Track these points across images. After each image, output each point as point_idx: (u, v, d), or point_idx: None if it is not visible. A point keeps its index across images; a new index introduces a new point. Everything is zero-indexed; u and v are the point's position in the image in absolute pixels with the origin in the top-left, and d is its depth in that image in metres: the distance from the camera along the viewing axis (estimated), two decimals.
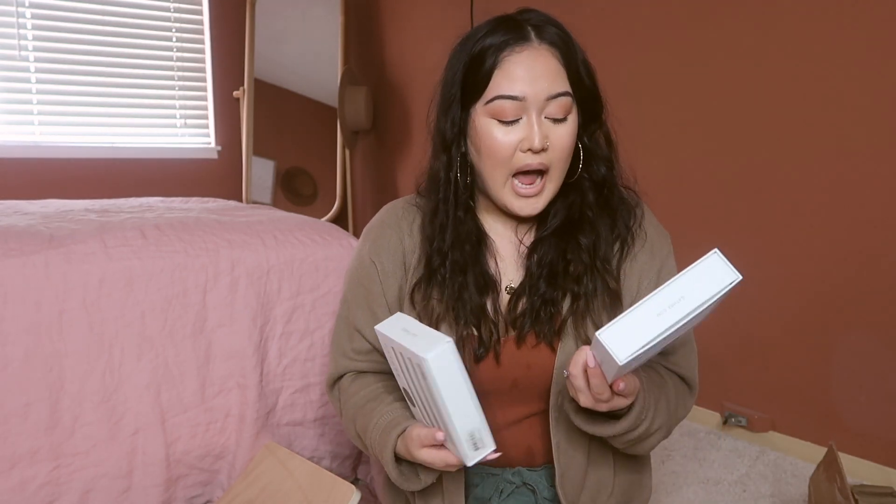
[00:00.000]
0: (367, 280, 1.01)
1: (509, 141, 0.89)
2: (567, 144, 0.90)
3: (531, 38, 0.88)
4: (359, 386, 1.01)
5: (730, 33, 1.99)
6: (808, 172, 1.85)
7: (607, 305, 0.93)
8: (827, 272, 1.83)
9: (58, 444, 1.26)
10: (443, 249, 0.95)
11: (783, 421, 1.95)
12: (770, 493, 1.70)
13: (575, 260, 0.93)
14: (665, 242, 1.00)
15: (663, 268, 0.97)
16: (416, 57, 3.23)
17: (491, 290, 0.96)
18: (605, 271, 0.93)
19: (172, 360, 1.37)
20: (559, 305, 0.93)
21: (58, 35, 3.03)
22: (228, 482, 1.41)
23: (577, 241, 0.94)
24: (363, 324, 1.01)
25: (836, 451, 1.47)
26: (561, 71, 0.88)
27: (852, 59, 1.75)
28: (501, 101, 0.87)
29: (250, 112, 3.19)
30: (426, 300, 0.95)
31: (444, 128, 0.93)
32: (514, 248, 0.99)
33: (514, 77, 0.87)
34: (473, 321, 0.94)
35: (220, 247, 1.46)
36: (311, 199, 3.43)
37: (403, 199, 1.06)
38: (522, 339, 0.94)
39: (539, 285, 0.94)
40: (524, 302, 0.95)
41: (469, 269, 0.95)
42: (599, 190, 0.96)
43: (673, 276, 0.76)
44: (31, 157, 2.99)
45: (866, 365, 1.77)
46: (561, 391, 0.92)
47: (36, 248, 1.31)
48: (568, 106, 0.89)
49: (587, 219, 0.94)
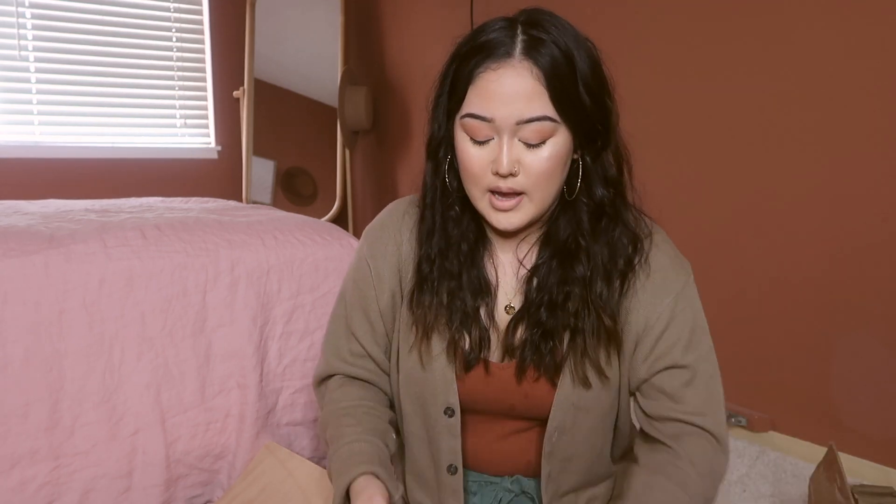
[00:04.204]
0: (362, 282, 0.99)
1: (480, 160, 0.84)
2: (544, 170, 0.82)
3: (513, 54, 0.80)
4: (342, 395, 0.98)
5: (731, 34, 1.99)
6: (807, 172, 1.85)
7: (605, 344, 0.88)
8: (827, 272, 1.83)
9: (58, 444, 1.26)
10: (430, 256, 0.92)
11: (783, 421, 1.95)
12: (770, 493, 1.70)
13: (572, 292, 0.88)
14: (680, 274, 0.91)
15: (678, 303, 0.89)
16: (416, 57, 3.23)
17: (486, 295, 0.92)
18: (599, 307, 0.87)
19: (172, 360, 1.37)
20: (559, 338, 0.89)
21: (58, 35, 3.03)
22: (228, 482, 1.41)
23: (574, 270, 0.88)
24: (358, 326, 0.99)
25: (836, 451, 1.47)
26: (540, 93, 0.79)
27: (853, 58, 1.75)
28: (471, 120, 0.82)
29: (250, 112, 3.19)
30: (419, 308, 0.92)
31: (432, 131, 0.90)
32: (515, 263, 0.94)
33: (485, 96, 0.80)
34: (465, 325, 0.91)
35: (220, 247, 1.46)
36: (311, 199, 3.43)
37: (408, 198, 1.01)
38: (523, 372, 0.91)
39: (540, 314, 0.89)
40: (523, 330, 0.91)
41: (464, 270, 0.91)
42: (597, 215, 0.88)
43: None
44: (31, 157, 2.99)
45: (866, 365, 1.77)
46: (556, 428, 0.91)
47: (36, 248, 1.31)
48: (546, 131, 0.81)
49: (581, 247, 0.88)
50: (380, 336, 0.99)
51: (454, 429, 0.94)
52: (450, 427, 0.94)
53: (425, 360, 0.93)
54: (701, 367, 0.89)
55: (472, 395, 0.94)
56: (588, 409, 0.91)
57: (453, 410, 0.93)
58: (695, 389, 0.89)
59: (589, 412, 0.91)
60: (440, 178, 0.91)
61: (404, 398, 0.98)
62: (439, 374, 0.93)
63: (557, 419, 0.91)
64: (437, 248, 0.91)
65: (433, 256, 0.92)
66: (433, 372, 0.93)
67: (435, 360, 0.93)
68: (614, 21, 2.27)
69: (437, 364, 0.93)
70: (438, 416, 0.94)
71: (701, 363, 0.89)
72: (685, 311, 0.90)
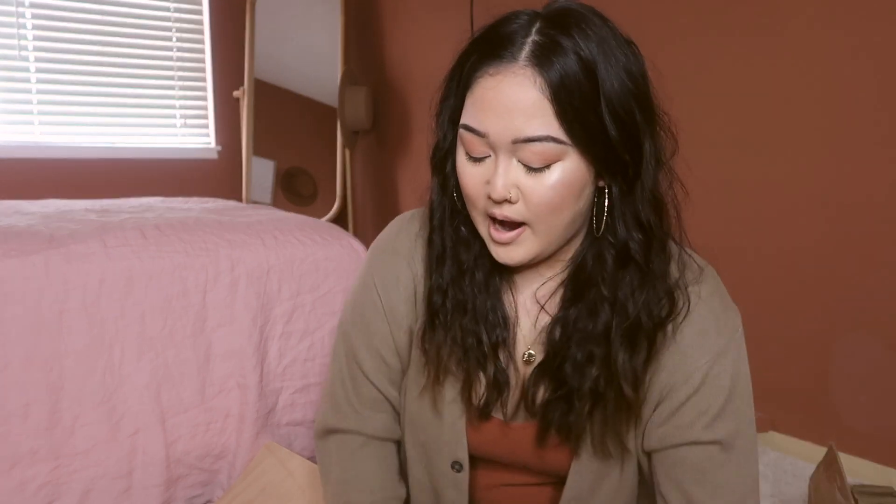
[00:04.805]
0: (372, 316, 0.86)
1: (474, 179, 0.71)
2: (547, 200, 0.68)
3: (517, 58, 0.66)
4: (353, 479, 0.86)
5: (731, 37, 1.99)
6: (808, 172, 1.85)
7: (625, 416, 0.75)
8: (827, 272, 1.83)
9: (58, 444, 1.26)
10: (442, 286, 0.79)
11: (783, 421, 1.95)
12: (770, 493, 1.70)
13: (594, 352, 0.74)
14: (724, 331, 0.75)
15: (715, 365, 0.74)
16: (416, 57, 3.23)
17: (504, 331, 0.79)
18: (619, 375, 0.72)
19: (172, 361, 1.37)
20: (584, 401, 0.75)
21: (58, 35, 3.03)
22: (228, 482, 1.41)
23: (596, 326, 0.74)
24: (368, 365, 0.87)
25: (836, 451, 1.47)
26: (545, 108, 0.65)
27: (853, 58, 1.74)
28: (466, 133, 0.70)
29: (250, 112, 3.19)
30: (431, 345, 0.81)
31: (437, 140, 0.78)
32: (534, 305, 0.81)
33: (479, 106, 0.68)
34: (481, 366, 0.79)
35: (220, 247, 1.46)
36: (311, 199, 3.43)
37: (419, 212, 0.87)
38: (545, 436, 0.79)
39: (565, 371, 0.75)
40: (545, 388, 0.78)
41: (479, 303, 0.79)
42: (622, 259, 0.72)
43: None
44: (31, 157, 2.99)
45: (866, 365, 1.77)
46: (573, 497, 0.82)
47: (36, 248, 1.31)
48: (551, 154, 0.67)
49: (602, 297, 0.73)
50: (395, 374, 0.88)
51: (461, 484, 0.86)
52: (457, 482, 0.86)
53: (439, 407, 0.83)
54: (737, 445, 0.74)
55: (484, 448, 0.85)
56: (608, 476, 0.81)
57: (461, 465, 0.85)
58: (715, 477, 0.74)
59: (609, 479, 0.81)
60: (448, 196, 0.78)
61: (409, 443, 0.89)
62: (448, 425, 0.84)
63: (574, 488, 0.81)
64: (450, 276, 0.79)
65: (445, 287, 0.79)
66: (443, 421, 0.84)
67: (447, 407, 0.83)
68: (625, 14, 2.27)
69: (449, 413, 0.83)
70: (445, 470, 0.86)
71: (735, 439, 0.74)
72: (721, 375, 0.74)
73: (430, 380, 0.82)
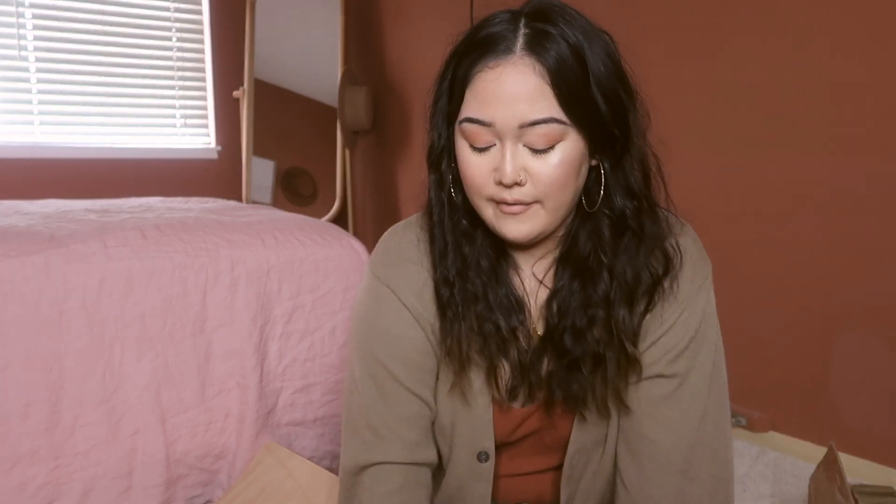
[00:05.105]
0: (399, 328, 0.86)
1: (481, 169, 0.76)
2: (554, 178, 0.74)
3: (513, 50, 0.72)
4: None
5: (730, 34, 1.99)
6: (808, 171, 1.85)
7: (625, 372, 0.81)
8: (827, 272, 1.83)
9: (58, 444, 1.26)
10: (448, 279, 0.82)
11: (783, 421, 1.95)
12: (770, 493, 1.70)
13: (596, 315, 0.80)
14: (694, 281, 0.83)
15: (683, 311, 0.82)
16: (416, 57, 3.23)
17: (519, 313, 0.83)
18: (622, 332, 0.79)
19: (172, 361, 1.37)
20: (585, 368, 0.81)
21: (58, 35, 3.03)
22: (228, 482, 1.41)
23: (597, 291, 0.79)
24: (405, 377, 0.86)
25: (836, 451, 1.47)
26: (546, 92, 0.71)
27: (853, 59, 1.75)
28: (470, 125, 0.74)
29: (250, 112, 3.19)
30: (449, 338, 0.83)
31: (432, 140, 0.82)
32: (534, 284, 0.86)
33: (482, 98, 0.73)
34: (503, 351, 0.82)
35: (220, 247, 1.46)
36: (311, 199, 3.43)
37: (404, 224, 0.91)
38: (551, 407, 0.85)
39: (565, 341, 0.81)
40: (548, 361, 0.84)
41: (490, 290, 0.82)
42: (619, 228, 0.79)
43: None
44: (31, 157, 2.99)
45: (866, 365, 1.77)
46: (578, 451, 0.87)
47: (36, 248, 1.31)
48: (555, 134, 0.72)
49: (602, 264, 0.79)
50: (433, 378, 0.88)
51: (486, 474, 0.89)
52: (482, 472, 0.89)
53: (468, 399, 0.85)
54: (692, 378, 0.82)
55: (508, 433, 0.88)
56: (608, 438, 0.86)
57: (487, 455, 0.88)
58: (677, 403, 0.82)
59: (609, 440, 0.86)
60: (446, 192, 0.82)
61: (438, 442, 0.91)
62: (477, 417, 0.86)
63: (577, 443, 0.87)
64: (455, 268, 0.82)
65: (451, 279, 0.82)
66: (472, 413, 0.86)
67: (476, 399, 0.85)
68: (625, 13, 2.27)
69: (478, 404, 0.86)
70: (470, 462, 0.88)
71: (693, 373, 0.82)
72: (689, 319, 0.82)
73: (456, 373, 0.84)
